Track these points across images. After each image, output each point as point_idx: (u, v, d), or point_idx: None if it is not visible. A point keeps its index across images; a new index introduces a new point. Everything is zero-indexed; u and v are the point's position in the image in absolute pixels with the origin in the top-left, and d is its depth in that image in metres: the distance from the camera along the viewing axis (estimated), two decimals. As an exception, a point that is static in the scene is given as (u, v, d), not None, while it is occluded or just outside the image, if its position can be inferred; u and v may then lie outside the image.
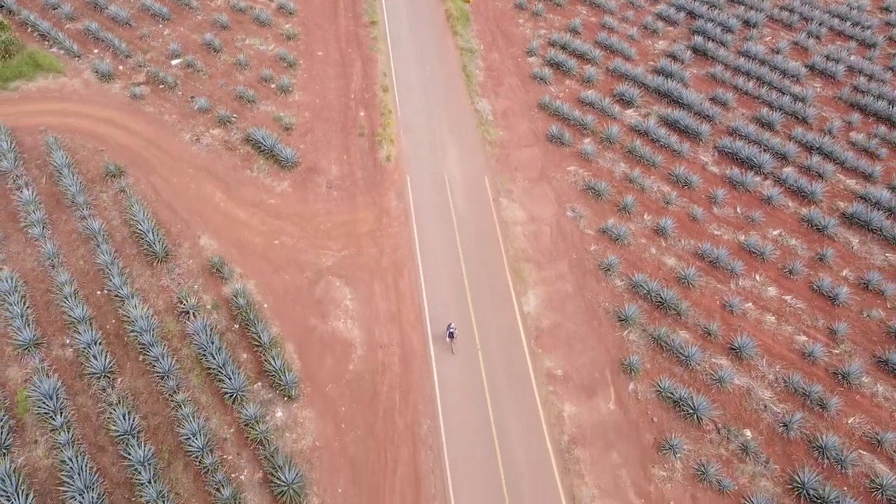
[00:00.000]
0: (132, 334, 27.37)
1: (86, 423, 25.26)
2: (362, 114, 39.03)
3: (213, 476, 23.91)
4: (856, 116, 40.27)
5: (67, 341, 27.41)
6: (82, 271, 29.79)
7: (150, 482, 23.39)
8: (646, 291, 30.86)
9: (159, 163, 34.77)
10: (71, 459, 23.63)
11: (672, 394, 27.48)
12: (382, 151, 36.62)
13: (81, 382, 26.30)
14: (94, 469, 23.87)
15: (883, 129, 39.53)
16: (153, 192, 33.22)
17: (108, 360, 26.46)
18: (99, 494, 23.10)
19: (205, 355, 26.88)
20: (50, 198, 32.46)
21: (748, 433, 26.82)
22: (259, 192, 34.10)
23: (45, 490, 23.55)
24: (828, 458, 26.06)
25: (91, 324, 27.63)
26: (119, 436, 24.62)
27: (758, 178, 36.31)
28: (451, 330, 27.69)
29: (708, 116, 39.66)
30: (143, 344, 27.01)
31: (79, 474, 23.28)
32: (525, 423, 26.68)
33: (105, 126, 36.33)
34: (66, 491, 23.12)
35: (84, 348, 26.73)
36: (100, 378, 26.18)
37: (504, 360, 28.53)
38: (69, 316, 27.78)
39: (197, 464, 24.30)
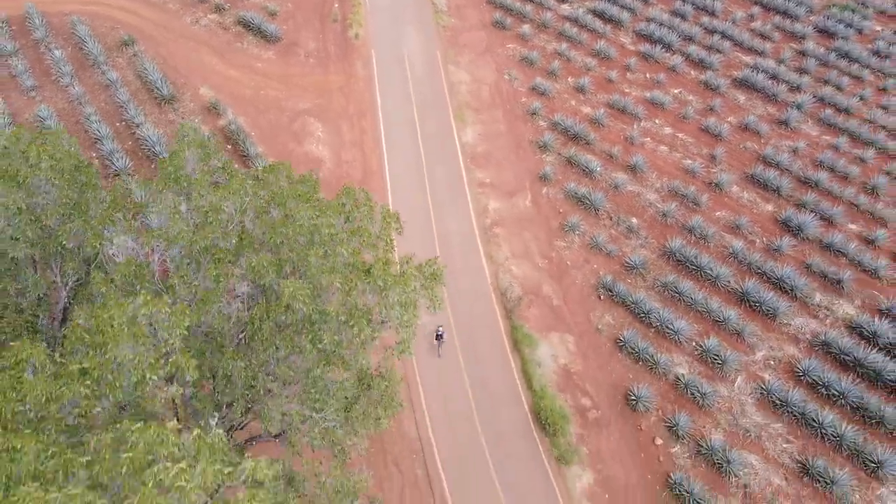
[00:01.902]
0: (145, 147, 34.36)
1: (111, 206, 32.26)
2: (336, 5, 46.00)
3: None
4: (757, 9, 47.37)
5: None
6: (104, 110, 36.74)
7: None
8: (563, 128, 37.91)
9: (165, 38, 41.72)
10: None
11: (576, 193, 34.54)
12: (351, 31, 43.64)
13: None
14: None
15: (778, 18, 46.61)
16: (160, 58, 40.15)
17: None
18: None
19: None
20: (75, 61, 39.36)
21: (634, 220, 33.89)
22: (249, 59, 41.09)
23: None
24: (695, 235, 33.13)
25: (113, 139, 34.64)
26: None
27: (667, 54, 43.39)
28: (440, 332, 27.33)
29: (630, 9, 46.66)
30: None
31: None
32: (457, 213, 33.77)
33: (118, 12, 43.23)
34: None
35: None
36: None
37: (444, 173, 35.58)
38: (95, 135, 34.75)
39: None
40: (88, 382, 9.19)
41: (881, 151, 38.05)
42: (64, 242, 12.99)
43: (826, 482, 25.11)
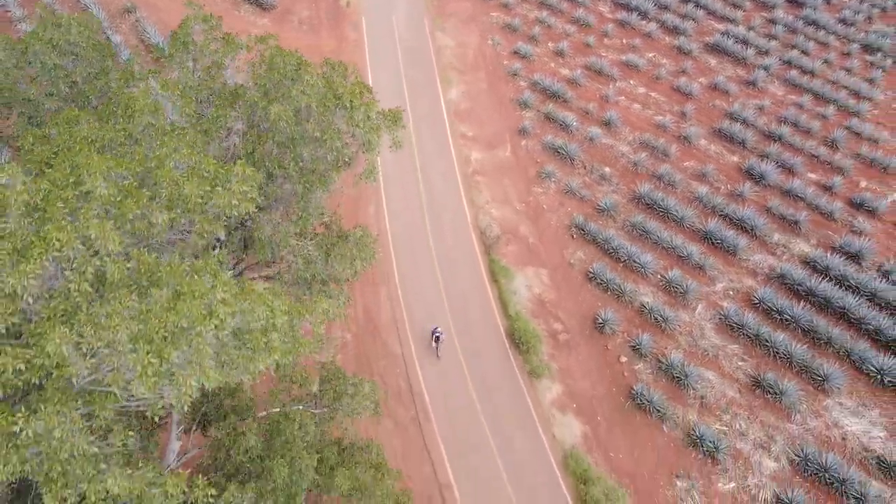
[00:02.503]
0: (148, 102, 36.54)
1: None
2: (328, -23, 48.21)
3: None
4: (730, -19, 49.67)
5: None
6: (108, 70, 38.89)
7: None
8: (542, 87, 40.18)
9: (165, 6, 43.88)
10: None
11: (553, 145, 36.80)
12: (343, 0, 45.86)
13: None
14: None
15: (750, -11, 48.92)
16: (161, 23, 42.30)
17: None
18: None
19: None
20: (80, 26, 41.50)
21: (607, 169, 36.15)
22: (245, 25, 43.25)
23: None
24: (663, 182, 35.39)
25: (117, 96, 36.87)
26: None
27: (643, 21, 45.65)
28: (438, 334, 27.43)
29: (609, -20, 48.95)
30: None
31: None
32: (442, 163, 36.01)
33: (121, -18, 45.40)
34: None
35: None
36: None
37: (430, 127, 37.82)
38: (100, 92, 36.95)
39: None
40: (123, 133, 11.51)
41: (842, 109, 40.35)
42: (91, 98, 15.32)
43: (776, 393, 27.39)
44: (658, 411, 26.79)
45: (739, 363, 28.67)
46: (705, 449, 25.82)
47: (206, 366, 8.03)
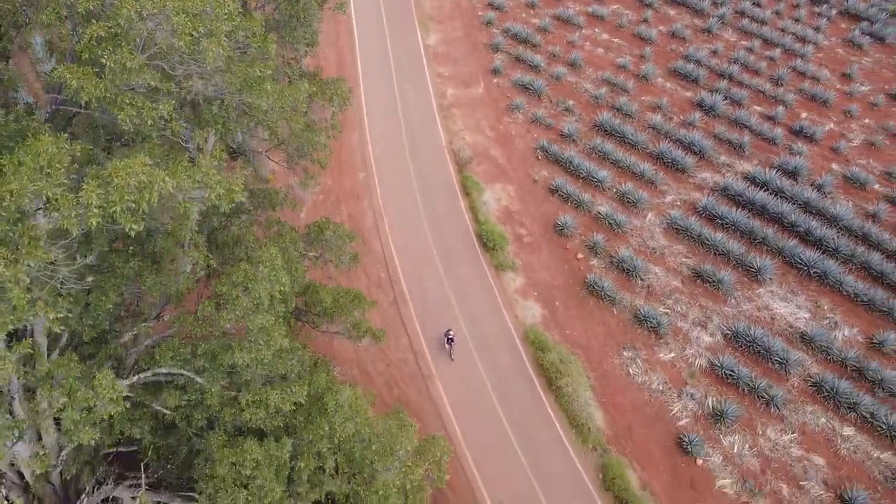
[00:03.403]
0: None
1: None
2: (316, -60, 51.59)
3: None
4: (691, -57, 53.29)
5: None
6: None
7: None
8: (513, 33, 43.70)
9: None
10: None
11: (522, 81, 40.28)
12: (330, -41, 49.23)
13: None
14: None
15: (709, -51, 52.55)
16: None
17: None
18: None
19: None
20: None
21: (571, 102, 39.64)
22: None
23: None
24: (621, 112, 38.92)
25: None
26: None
27: (609, -22, 49.28)
28: (450, 336, 27.79)
29: (578, -58, 52.46)
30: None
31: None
32: (420, 98, 39.45)
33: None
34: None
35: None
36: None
37: (409, 67, 41.25)
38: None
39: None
40: None
41: (788, 51, 44.03)
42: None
43: (714, 282, 30.94)
44: (609, 297, 30.29)
45: (683, 259, 32.22)
46: (649, 326, 29.34)
47: (222, 41, 11.41)
